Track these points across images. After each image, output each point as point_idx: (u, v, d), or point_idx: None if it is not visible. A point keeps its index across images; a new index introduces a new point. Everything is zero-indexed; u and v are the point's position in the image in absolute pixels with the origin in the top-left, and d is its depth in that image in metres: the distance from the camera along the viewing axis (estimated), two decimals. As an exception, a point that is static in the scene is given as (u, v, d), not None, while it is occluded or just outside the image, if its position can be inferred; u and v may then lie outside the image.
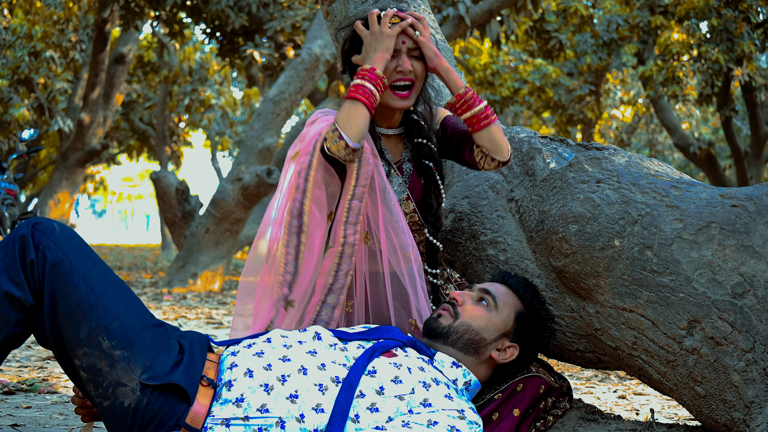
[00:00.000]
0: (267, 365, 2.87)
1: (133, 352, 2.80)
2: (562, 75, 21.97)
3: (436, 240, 3.65)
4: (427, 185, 3.64)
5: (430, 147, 3.65)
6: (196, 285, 13.12)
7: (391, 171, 3.62)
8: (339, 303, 3.40)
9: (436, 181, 3.63)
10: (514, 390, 3.29)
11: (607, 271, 3.20)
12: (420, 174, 3.65)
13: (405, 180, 3.64)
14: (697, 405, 3.10)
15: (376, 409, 2.82)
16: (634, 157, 3.45)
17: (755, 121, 20.79)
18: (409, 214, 3.61)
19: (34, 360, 6.13)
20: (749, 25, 16.96)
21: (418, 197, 3.64)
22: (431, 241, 3.64)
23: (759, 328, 2.95)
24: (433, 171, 3.63)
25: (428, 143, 3.66)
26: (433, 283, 3.65)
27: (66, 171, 20.20)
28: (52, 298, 2.81)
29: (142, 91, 29.58)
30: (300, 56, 13.53)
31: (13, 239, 2.84)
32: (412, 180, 3.65)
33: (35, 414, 4.21)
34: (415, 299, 3.47)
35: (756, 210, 3.09)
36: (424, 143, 3.66)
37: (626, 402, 5.46)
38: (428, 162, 3.64)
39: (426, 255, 3.67)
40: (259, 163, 13.27)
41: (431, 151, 3.65)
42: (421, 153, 3.65)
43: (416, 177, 3.65)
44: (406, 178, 3.64)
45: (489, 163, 3.52)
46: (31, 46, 19.73)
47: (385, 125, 3.64)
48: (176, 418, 2.77)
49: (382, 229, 3.45)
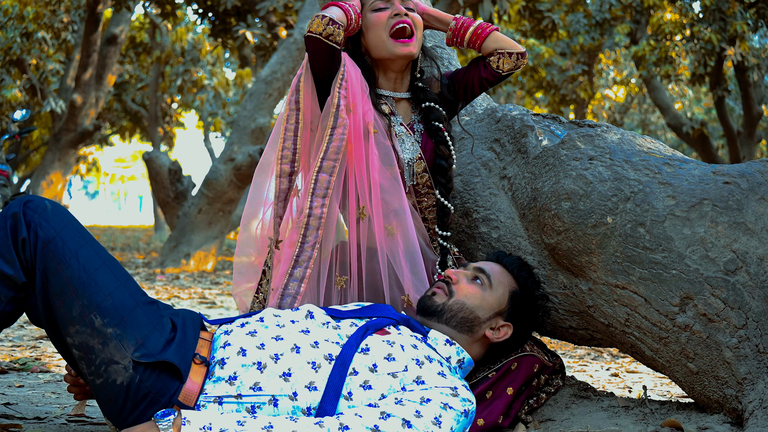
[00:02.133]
0: (260, 344, 2.87)
1: (126, 329, 2.79)
2: (554, 55, 21.94)
3: (447, 201, 3.63)
4: (437, 146, 3.63)
5: (437, 109, 3.66)
6: (189, 265, 13.12)
7: (405, 131, 3.62)
8: (305, 277, 3.39)
9: (446, 141, 3.63)
10: (508, 369, 3.30)
11: (599, 248, 3.20)
12: (430, 135, 3.65)
13: (417, 139, 3.64)
14: (689, 382, 3.11)
15: (369, 387, 2.82)
16: (627, 135, 3.45)
17: (748, 101, 20.79)
18: (419, 174, 3.61)
19: (27, 339, 6.13)
20: (742, 4, 16.94)
21: (429, 158, 3.64)
22: (442, 203, 3.63)
23: (751, 305, 2.96)
24: (443, 132, 3.63)
25: (436, 106, 3.67)
26: (443, 245, 3.64)
27: (58, 152, 20.15)
28: (44, 276, 2.81)
29: (134, 72, 29.52)
30: (292, 36, 13.50)
31: (4, 217, 2.83)
32: (423, 140, 3.66)
33: (28, 393, 4.21)
34: (410, 275, 3.47)
35: (748, 187, 3.09)
36: (432, 106, 3.66)
37: (619, 379, 5.47)
38: (437, 123, 3.65)
39: (437, 217, 3.66)
40: (251, 144, 13.25)
41: (440, 113, 3.66)
42: (430, 116, 3.66)
43: (427, 138, 3.66)
44: (418, 137, 3.65)
45: (508, 62, 3.61)
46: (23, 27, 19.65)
47: (391, 88, 3.66)
48: (169, 395, 2.77)
49: (375, 201, 3.45)
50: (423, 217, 3.67)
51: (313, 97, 3.51)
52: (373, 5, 3.58)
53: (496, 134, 3.77)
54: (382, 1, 3.58)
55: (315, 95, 3.51)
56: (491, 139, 3.78)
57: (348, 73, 3.44)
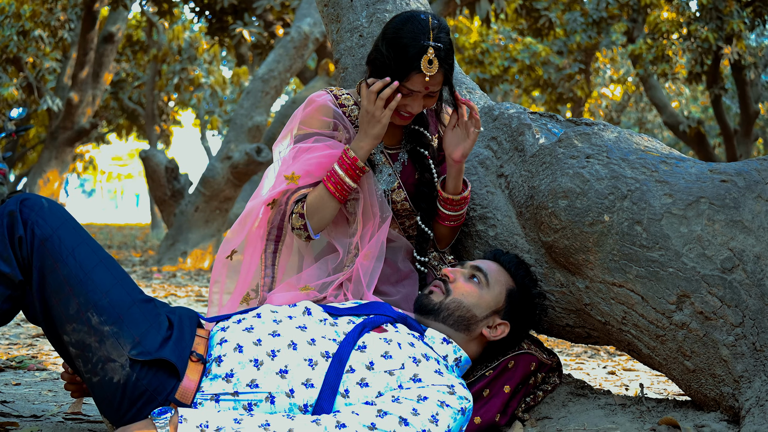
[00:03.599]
0: (257, 340, 2.87)
1: (123, 327, 2.79)
2: (551, 53, 21.96)
3: (427, 228, 3.65)
4: (421, 172, 3.64)
5: (424, 134, 3.66)
6: (186, 263, 13.12)
7: (383, 160, 3.62)
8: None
9: (431, 168, 3.63)
10: (505, 367, 3.30)
11: (596, 246, 3.20)
12: (414, 161, 3.65)
13: (396, 170, 3.64)
14: (686, 380, 3.11)
15: (366, 384, 2.82)
16: (624, 133, 3.45)
17: (744, 100, 20.82)
18: (399, 202, 3.62)
19: (24, 337, 6.13)
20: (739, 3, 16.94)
21: (412, 184, 3.64)
22: (423, 229, 3.65)
23: (748, 303, 2.96)
24: (428, 159, 3.64)
25: (424, 130, 3.66)
26: (420, 270, 3.66)
27: (55, 150, 20.12)
28: (40, 274, 2.81)
29: (131, 70, 29.50)
30: (289, 35, 13.50)
31: (1, 215, 2.83)
32: (407, 167, 3.66)
33: (25, 391, 4.21)
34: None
35: (745, 185, 3.09)
36: (420, 130, 3.66)
37: (616, 377, 5.48)
38: (423, 150, 3.65)
39: (416, 242, 3.68)
40: (248, 142, 13.24)
41: (427, 139, 3.66)
42: (416, 140, 3.66)
43: (411, 164, 3.66)
44: (398, 167, 3.65)
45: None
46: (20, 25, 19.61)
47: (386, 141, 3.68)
48: (166, 393, 2.77)
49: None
50: (407, 235, 3.74)
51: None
52: (403, 86, 3.39)
53: (493, 132, 3.77)
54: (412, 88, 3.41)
55: None
56: (488, 137, 3.78)
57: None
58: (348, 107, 3.63)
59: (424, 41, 3.32)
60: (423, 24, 3.36)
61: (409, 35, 3.34)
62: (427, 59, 3.31)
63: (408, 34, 3.34)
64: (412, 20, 3.38)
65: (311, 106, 3.58)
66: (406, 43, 3.33)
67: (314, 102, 3.59)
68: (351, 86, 4.08)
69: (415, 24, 3.36)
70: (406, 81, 3.35)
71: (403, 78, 3.34)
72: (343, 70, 4.18)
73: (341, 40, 4.22)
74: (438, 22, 3.38)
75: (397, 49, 3.34)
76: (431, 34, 3.34)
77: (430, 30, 3.34)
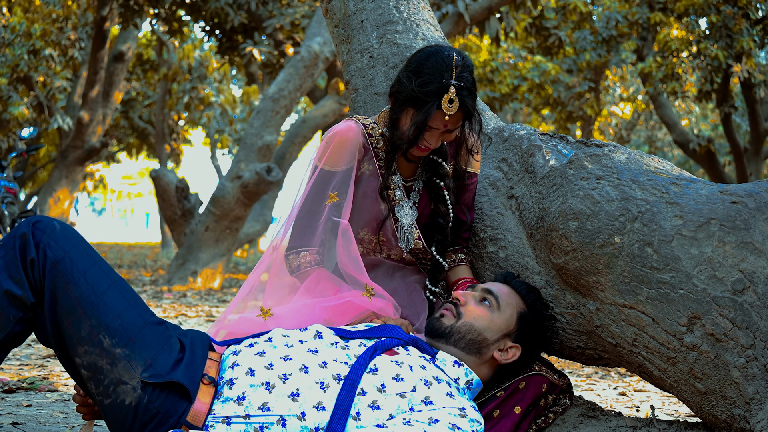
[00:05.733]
0: (268, 364, 2.87)
1: (134, 350, 2.80)
2: (561, 72, 21.96)
3: (442, 259, 3.65)
4: (436, 203, 3.64)
5: (441, 164, 3.62)
6: (196, 283, 13.12)
7: (402, 195, 3.61)
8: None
9: (446, 200, 3.61)
10: (516, 388, 3.30)
11: (607, 267, 3.20)
12: (430, 192, 3.64)
13: (414, 200, 3.63)
14: (697, 401, 3.10)
15: (378, 407, 2.82)
16: (634, 154, 3.45)
17: (754, 118, 20.80)
18: (414, 240, 3.63)
19: (35, 358, 6.13)
20: (748, 21, 16.96)
21: (427, 215, 3.65)
22: (437, 260, 3.65)
23: (759, 325, 2.95)
24: (443, 190, 3.62)
25: (441, 161, 3.62)
26: (430, 299, 3.67)
27: (65, 169, 20.18)
28: (52, 297, 2.82)
29: (141, 89, 29.58)
30: (299, 54, 13.53)
31: (13, 237, 2.84)
32: (422, 198, 3.65)
33: (36, 412, 4.21)
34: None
35: (756, 206, 3.09)
36: (437, 160, 3.63)
37: (627, 399, 5.46)
38: (438, 180, 3.63)
39: (430, 272, 3.69)
40: (258, 161, 13.26)
41: (444, 169, 3.63)
42: (432, 170, 3.63)
43: (426, 194, 3.65)
44: (415, 197, 3.64)
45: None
46: (30, 44, 19.71)
47: (404, 174, 3.66)
48: (177, 416, 2.78)
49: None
50: (422, 266, 3.76)
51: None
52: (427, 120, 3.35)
53: (503, 154, 3.78)
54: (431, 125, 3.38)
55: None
56: (499, 158, 3.78)
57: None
58: (375, 137, 3.58)
59: (446, 79, 3.29)
60: (447, 61, 3.32)
61: (431, 71, 3.31)
62: (448, 98, 3.28)
63: (430, 70, 3.31)
64: (436, 56, 3.34)
65: (339, 138, 3.52)
66: (428, 80, 3.30)
67: (341, 134, 3.53)
68: (361, 107, 4.08)
69: (438, 60, 3.33)
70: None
71: (424, 113, 3.31)
72: (353, 91, 4.18)
73: (351, 60, 4.23)
74: (462, 60, 3.33)
75: (418, 84, 3.31)
76: (454, 72, 3.30)
77: (453, 68, 3.31)
